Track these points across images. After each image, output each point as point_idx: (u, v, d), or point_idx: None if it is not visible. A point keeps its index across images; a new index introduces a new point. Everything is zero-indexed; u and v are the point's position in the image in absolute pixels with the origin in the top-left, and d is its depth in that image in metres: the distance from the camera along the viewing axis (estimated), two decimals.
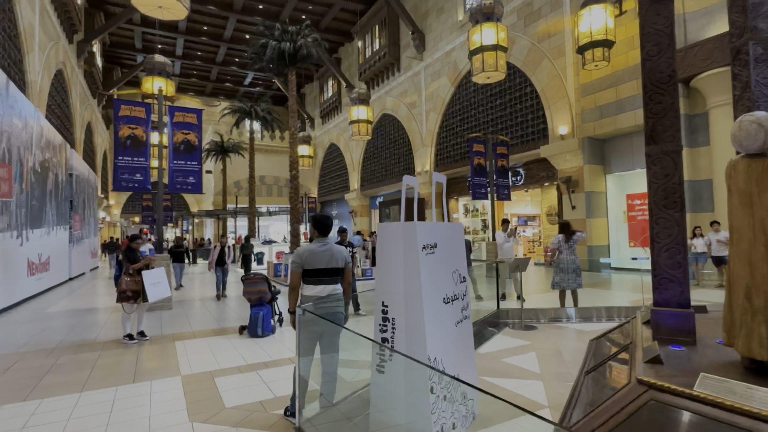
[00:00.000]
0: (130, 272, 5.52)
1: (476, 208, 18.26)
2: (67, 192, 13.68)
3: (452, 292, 2.89)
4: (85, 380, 4.09)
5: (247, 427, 3.02)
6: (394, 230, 2.58)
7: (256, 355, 4.84)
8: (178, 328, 6.34)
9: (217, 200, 28.87)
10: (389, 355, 2.53)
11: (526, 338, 5.23)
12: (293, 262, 3.15)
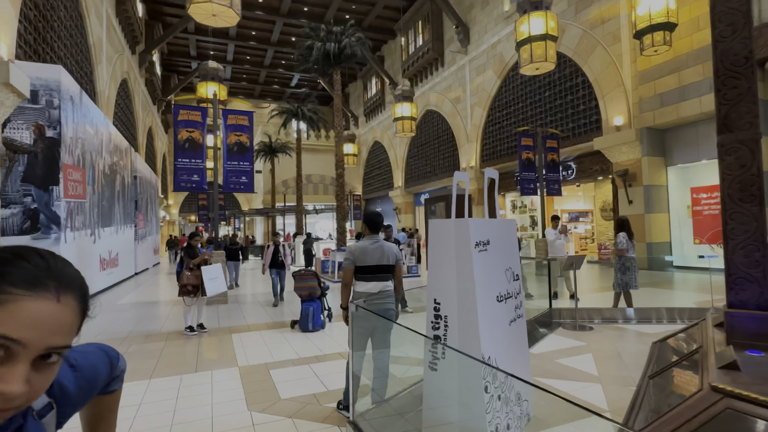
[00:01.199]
0: (191, 267, 5.85)
1: (524, 204, 17.75)
2: (132, 193, 14.71)
3: (506, 290, 2.83)
4: (153, 368, 4.39)
5: (303, 418, 3.12)
6: (447, 227, 2.56)
7: (307, 348, 4.98)
8: (234, 321, 6.66)
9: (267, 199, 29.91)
10: (442, 352, 2.52)
11: (581, 339, 5.03)
12: (346, 258, 3.21)
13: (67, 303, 0.50)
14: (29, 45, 8.74)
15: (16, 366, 0.45)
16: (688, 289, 8.60)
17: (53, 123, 8.07)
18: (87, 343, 0.78)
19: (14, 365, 0.45)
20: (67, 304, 0.50)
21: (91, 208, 9.66)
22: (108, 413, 0.82)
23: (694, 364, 2.92)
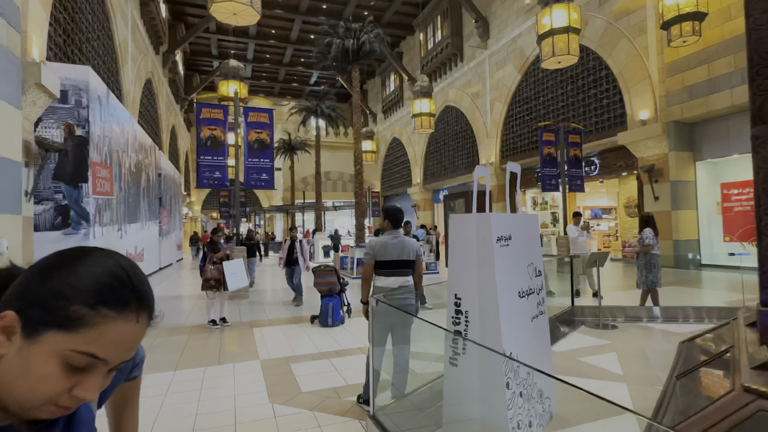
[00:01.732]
0: (213, 262, 5.97)
1: (545, 200, 17.46)
2: (157, 190, 15.08)
3: (527, 285, 2.79)
4: (178, 360, 4.50)
5: (323, 411, 3.16)
6: (468, 222, 2.54)
7: (327, 343, 5.03)
8: (255, 315, 6.76)
9: (286, 196, 30.24)
10: (462, 348, 2.51)
11: (605, 337, 4.93)
12: (366, 253, 3.22)
13: (143, 323, 0.52)
14: (59, 47, 9.03)
15: (95, 377, 0.49)
16: (717, 288, 8.33)
17: (82, 122, 8.32)
18: None
19: (93, 377, 0.49)
20: (143, 324, 0.52)
21: (117, 205, 9.95)
22: (132, 398, 0.87)
23: (725, 364, 2.83)
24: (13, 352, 0.46)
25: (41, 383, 0.46)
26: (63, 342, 0.46)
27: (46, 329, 0.46)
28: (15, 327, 0.47)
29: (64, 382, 0.47)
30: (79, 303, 0.47)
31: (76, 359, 0.47)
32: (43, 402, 0.47)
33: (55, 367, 0.46)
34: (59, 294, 0.47)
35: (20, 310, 0.47)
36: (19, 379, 0.46)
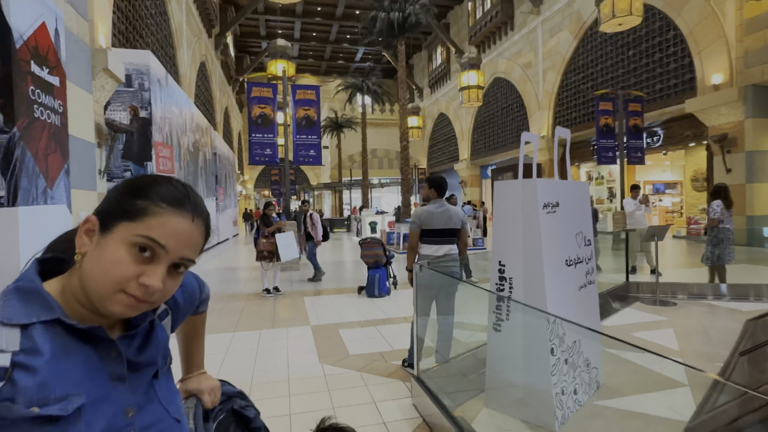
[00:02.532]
0: (266, 235, 6.27)
1: (601, 175, 16.57)
2: (213, 168, 15.88)
3: (575, 254, 2.73)
4: (236, 323, 4.84)
5: (370, 372, 3.30)
6: (513, 187, 2.50)
7: (373, 312, 5.19)
8: (305, 286, 7.07)
9: (333, 174, 30.77)
10: (506, 313, 2.51)
11: (661, 314, 4.71)
12: (412, 222, 3.26)
13: (198, 225, 0.60)
14: (122, 33, 9.60)
15: (159, 267, 0.55)
16: None
17: (145, 104, 8.88)
18: None
19: (157, 266, 0.55)
20: (198, 226, 0.60)
21: None
22: (199, 330, 0.97)
23: None
24: (92, 249, 0.55)
25: (112, 266, 0.53)
26: (130, 229, 0.54)
27: (116, 222, 0.55)
28: (95, 228, 0.56)
29: (132, 268, 0.53)
30: (142, 198, 0.56)
31: (144, 244, 0.54)
32: (115, 288, 0.53)
33: (124, 252, 0.54)
34: (127, 193, 0.57)
35: (98, 214, 0.57)
36: (96, 266, 0.54)
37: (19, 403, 0.46)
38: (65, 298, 0.55)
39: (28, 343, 0.50)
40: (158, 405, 0.59)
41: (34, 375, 0.48)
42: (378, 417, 2.60)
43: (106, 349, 0.56)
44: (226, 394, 1.03)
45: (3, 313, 0.50)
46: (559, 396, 2.38)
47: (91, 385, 0.53)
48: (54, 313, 0.53)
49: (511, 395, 2.59)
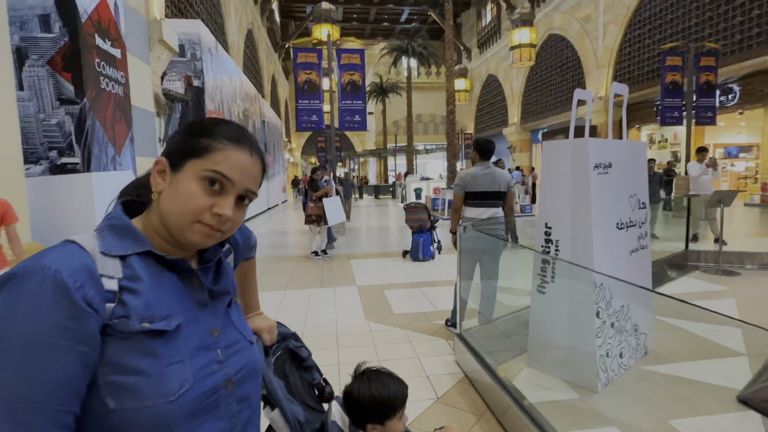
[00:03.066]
0: (314, 199, 6.47)
1: (665, 137, 15.39)
2: (261, 136, 16.33)
3: (628, 217, 2.62)
4: (287, 282, 5.13)
5: (414, 330, 3.42)
6: (563, 147, 2.42)
7: (417, 275, 5.29)
8: (352, 249, 7.29)
9: (378, 140, 30.71)
10: (552, 275, 2.50)
11: (722, 284, 4.46)
12: (456, 184, 3.26)
13: (256, 160, 0.66)
14: (173, 3, 9.87)
15: (228, 198, 0.62)
16: None
17: (197, 73, 9.20)
18: None
19: (226, 197, 0.62)
20: (256, 161, 0.67)
21: None
22: (252, 275, 1.06)
23: None
24: (167, 186, 0.62)
25: (188, 200, 0.60)
26: (198, 165, 0.61)
27: (185, 160, 0.62)
28: (165, 169, 0.63)
29: (205, 200, 0.60)
30: (206, 137, 0.63)
31: (213, 177, 0.61)
32: (193, 219, 0.60)
33: (196, 186, 0.60)
34: (191, 134, 0.64)
35: (167, 155, 0.64)
36: (173, 201, 0.61)
37: (132, 319, 0.55)
38: (148, 234, 0.64)
39: (129, 271, 0.58)
40: (234, 329, 0.68)
41: (139, 297, 0.57)
42: (421, 370, 2.72)
43: (189, 278, 0.64)
44: (281, 335, 1.14)
45: (102, 246, 0.58)
46: (603, 358, 2.37)
47: (182, 308, 0.61)
48: (145, 246, 0.61)
49: (553, 356, 2.60)
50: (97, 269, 0.55)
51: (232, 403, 0.63)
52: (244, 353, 0.67)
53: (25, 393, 0.48)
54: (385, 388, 1.14)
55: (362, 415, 1.13)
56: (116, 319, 0.54)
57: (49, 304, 0.50)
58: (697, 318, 3.46)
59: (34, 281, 0.50)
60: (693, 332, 3.21)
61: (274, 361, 1.04)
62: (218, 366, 0.62)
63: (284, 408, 0.86)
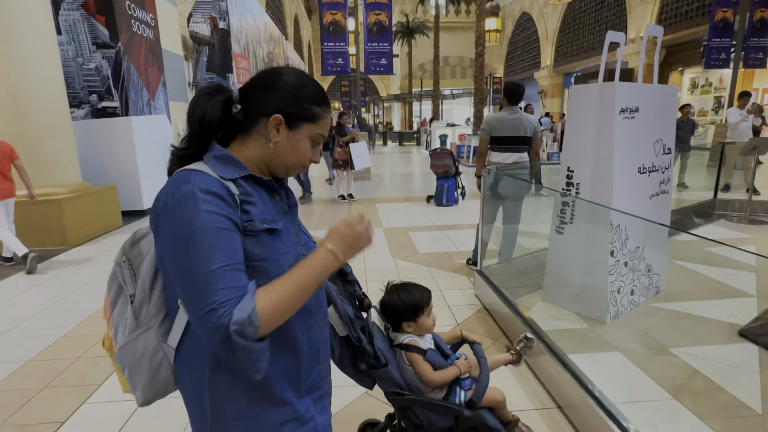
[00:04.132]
0: (340, 144, 6.60)
1: (709, 81, 14.46)
2: None
3: (651, 162, 2.68)
4: (316, 223, 5.41)
5: (437, 267, 3.66)
6: (589, 91, 2.46)
7: (441, 219, 5.48)
8: (377, 194, 7.49)
9: (404, 84, 29.89)
10: (570, 217, 2.63)
11: (746, 232, 4.47)
12: (482, 129, 3.33)
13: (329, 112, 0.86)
14: None
15: (319, 147, 0.85)
16: None
17: (222, 15, 9.10)
18: None
19: (318, 147, 0.85)
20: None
21: None
22: None
23: None
24: (284, 140, 0.78)
25: (303, 154, 0.81)
26: (312, 129, 0.80)
27: (301, 123, 0.79)
28: (281, 123, 0.77)
29: (309, 153, 0.82)
30: (317, 105, 0.80)
31: (318, 138, 0.82)
32: (299, 165, 0.82)
33: (307, 144, 0.81)
34: (306, 99, 0.79)
35: (282, 113, 0.77)
36: (291, 154, 0.80)
37: (255, 222, 0.73)
38: (245, 162, 0.81)
39: (242, 189, 0.74)
40: (302, 232, 0.89)
41: (255, 206, 0.75)
42: (443, 301, 2.98)
43: (274, 194, 0.83)
44: None
45: (218, 172, 0.75)
46: (614, 294, 2.54)
47: (277, 216, 0.79)
48: (246, 171, 0.77)
49: (567, 291, 2.79)
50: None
51: None
52: (311, 249, 0.88)
53: (227, 260, 0.66)
54: (411, 293, 1.36)
55: (397, 318, 1.37)
56: (245, 222, 0.73)
57: (213, 203, 0.68)
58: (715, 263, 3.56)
59: (196, 196, 0.68)
60: (708, 275, 3.32)
61: None
62: (303, 257, 0.82)
63: (338, 305, 1.08)
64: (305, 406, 0.82)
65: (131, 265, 0.81)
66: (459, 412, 1.27)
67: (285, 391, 0.79)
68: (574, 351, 2.14)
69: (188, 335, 0.76)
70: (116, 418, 1.84)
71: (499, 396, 1.42)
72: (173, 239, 0.68)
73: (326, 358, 0.91)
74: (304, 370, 0.83)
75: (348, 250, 0.75)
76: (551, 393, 1.94)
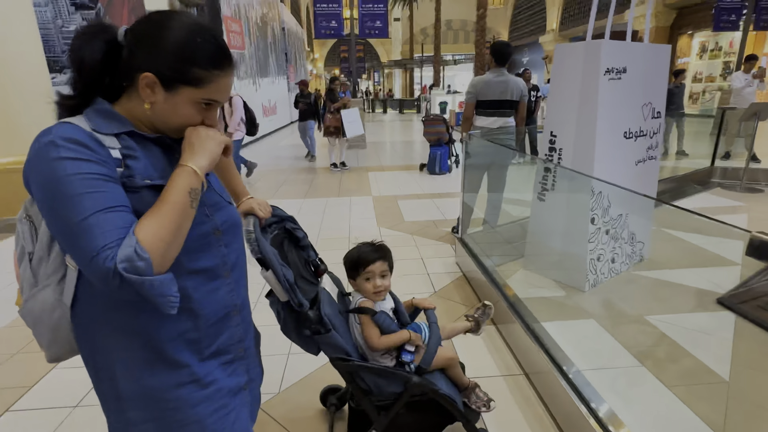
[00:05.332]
0: (332, 111, 6.44)
1: (719, 45, 13.93)
2: (282, 44, 15.72)
3: (638, 126, 2.58)
4: (306, 191, 5.35)
5: (421, 236, 3.62)
6: (574, 50, 2.34)
7: (432, 187, 5.40)
8: (370, 162, 7.38)
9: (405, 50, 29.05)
10: (552, 183, 2.56)
11: (740, 200, 4.39)
12: (468, 92, 3.21)
13: (233, 72, 0.77)
14: None
15: (214, 111, 0.77)
16: None
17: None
18: None
19: (213, 111, 0.77)
20: (233, 73, 0.77)
21: (250, 59, 10.81)
22: (230, 166, 1.16)
23: None
24: (161, 100, 0.71)
25: (187, 119, 0.74)
26: (194, 94, 0.71)
27: (180, 86, 0.70)
28: (155, 83, 0.69)
29: (199, 117, 0.75)
30: (197, 67, 0.70)
31: (205, 103, 0.74)
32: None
33: (192, 109, 0.73)
34: (183, 61, 0.69)
35: (155, 72, 0.68)
36: (171, 117, 0.73)
37: (136, 177, 0.69)
38: (132, 118, 0.74)
39: (124, 143, 0.70)
40: (214, 192, 0.84)
41: (138, 161, 0.71)
42: (423, 269, 2.96)
43: (171, 150, 0.78)
44: (278, 216, 1.30)
45: (95, 126, 0.69)
46: (594, 262, 2.50)
47: (169, 172, 0.73)
48: (129, 126, 0.72)
49: (547, 259, 2.76)
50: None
51: (221, 247, 0.81)
52: (225, 210, 0.84)
53: (102, 205, 0.62)
54: (357, 251, 1.35)
55: (347, 273, 1.38)
56: (125, 178, 0.68)
57: (76, 151, 0.63)
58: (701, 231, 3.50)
59: (57, 144, 0.63)
60: (695, 243, 3.27)
61: (272, 238, 1.20)
62: (206, 218, 0.79)
63: (276, 269, 1.04)
64: (206, 369, 0.79)
65: (32, 221, 0.76)
66: (407, 378, 1.25)
67: (181, 353, 0.76)
68: (548, 319, 2.13)
69: (80, 292, 0.73)
70: (85, 380, 1.85)
71: (449, 354, 1.39)
72: (42, 194, 0.63)
73: (241, 322, 0.87)
74: (208, 333, 0.79)
75: (198, 157, 0.72)
76: (519, 360, 1.93)
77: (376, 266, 1.32)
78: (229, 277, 0.83)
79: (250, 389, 0.91)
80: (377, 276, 1.33)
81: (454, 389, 1.39)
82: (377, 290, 1.33)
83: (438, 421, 1.37)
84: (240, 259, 0.87)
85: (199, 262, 0.77)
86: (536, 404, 1.68)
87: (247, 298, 0.92)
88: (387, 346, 1.29)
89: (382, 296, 1.38)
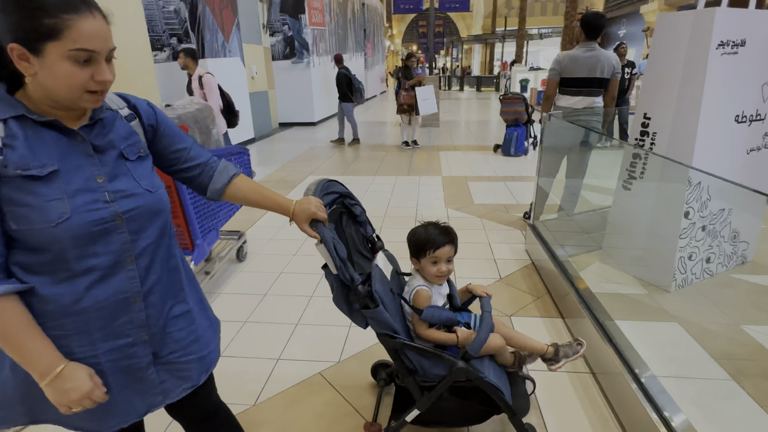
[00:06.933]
0: (406, 88, 6.37)
1: None
2: (361, 21, 15.72)
3: (754, 109, 2.23)
4: (377, 168, 5.40)
5: (490, 219, 3.51)
6: (681, 20, 2.06)
7: (505, 169, 5.18)
8: (443, 141, 7.24)
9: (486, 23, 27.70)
10: (641, 171, 2.32)
11: None
12: (551, 69, 2.99)
13: (99, 17, 0.71)
14: None
15: (100, 65, 0.71)
16: None
17: None
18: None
19: (99, 64, 0.71)
20: (100, 18, 0.71)
21: (329, 36, 10.97)
22: (256, 186, 1.05)
23: None
24: (39, 69, 0.68)
25: (70, 79, 0.68)
26: (59, 47, 0.66)
27: (42, 44, 0.66)
28: (23, 52, 0.66)
29: (84, 73, 0.69)
30: (47, 16, 0.65)
31: (76, 55, 0.67)
32: (81, 92, 0.70)
33: (70, 66, 0.68)
34: (29, 16, 0.66)
35: (16, 40, 0.66)
36: (55, 83, 0.69)
37: (9, 167, 0.69)
38: (34, 103, 0.73)
39: (8, 131, 0.70)
40: (130, 178, 0.81)
41: (15, 151, 0.70)
42: (490, 254, 2.87)
43: (72, 135, 0.76)
44: (338, 193, 1.31)
45: None
46: (684, 260, 2.26)
47: (64, 158, 0.73)
48: (18, 110, 0.72)
49: (629, 254, 2.54)
50: None
51: (124, 233, 0.80)
52: (137, 198, 0.81)
53: None
54: (425, 231, 1.32)
55: (411, 251, 1.35)
56: (0, 167, 0.69)
57: None
58: None
59: None
60: None
61: (330, 213, 1.23)
62: (104, 204, 0.77)
63: (329, 245, 1.06)
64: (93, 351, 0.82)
65: None
66: (452, 362, 1.23)
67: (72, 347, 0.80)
68: (623, 317, 1.97)
69: None
70: None
71: (497, 342, 1.33)
72: None
73: (146, 309, 0.85)
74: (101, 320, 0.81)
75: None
76: (586, 357, 1.82)
77: (444, 251, 1.30)
78: (132, 263, 0.82)
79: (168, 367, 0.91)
80: (443, 261, 1.31)
81: (503, 379, 1.34)
82: (440, 275, 1.31)
83: (483, 409, 1.34)
84: (152, 248, 0.85)
85: (93, 247, 0.77)
86: (602, 406, 1.58)
87: (167, 285, 0.89)
88: (433, 340, 1.28)
89: (443, 281, 1.36)
